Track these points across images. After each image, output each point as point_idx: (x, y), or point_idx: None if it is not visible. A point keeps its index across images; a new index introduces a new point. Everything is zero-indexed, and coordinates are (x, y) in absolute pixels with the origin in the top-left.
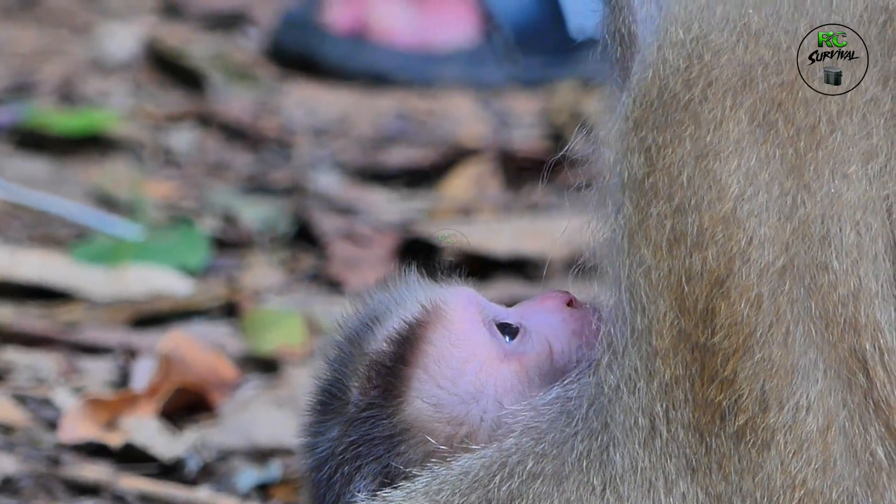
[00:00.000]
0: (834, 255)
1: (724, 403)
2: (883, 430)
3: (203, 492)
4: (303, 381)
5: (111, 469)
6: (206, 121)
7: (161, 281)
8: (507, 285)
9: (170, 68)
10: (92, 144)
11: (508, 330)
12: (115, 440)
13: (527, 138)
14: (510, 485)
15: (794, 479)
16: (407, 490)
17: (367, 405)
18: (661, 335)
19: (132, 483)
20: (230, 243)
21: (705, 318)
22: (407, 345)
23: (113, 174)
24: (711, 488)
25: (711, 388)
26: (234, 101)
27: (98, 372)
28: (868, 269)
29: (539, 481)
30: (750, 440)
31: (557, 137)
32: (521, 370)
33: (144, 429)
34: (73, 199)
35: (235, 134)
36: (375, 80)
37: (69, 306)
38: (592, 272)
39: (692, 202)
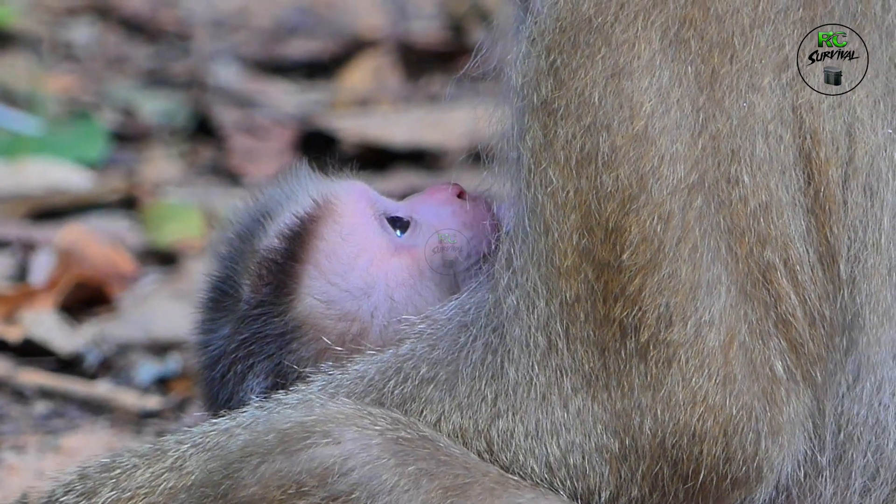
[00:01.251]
0: (745, 170)
1: (627, 320)
2: (784, 344)
3: (103, 386)
4: (201, 275)
5: (10, 364)
6: (105, 14)
7: (60, 175)
8: (406, 176)
9: None
10: None
11: (399, 223)
12: (13, 335)
13: (426, 29)
14: (403, 389)
15: (695, 394)
16: (302, 393)
17: (259, 303)
18: (565, 254)
19: (31, 377)
20: (129, 137)
21: (612, 236)
22: (298, 240)
23: (12, 68)
24: (609, 404)
25: (615, 305)
26: None
27: None
28: (778, 180)
29: (432, 386)
30: (652, 356)
31: (457, 28)
32: (412, 263)
33: (43, 323)
34: None
35: (134, 27)
36: None
37: None
38: (489, 164)
39: (604, 122)
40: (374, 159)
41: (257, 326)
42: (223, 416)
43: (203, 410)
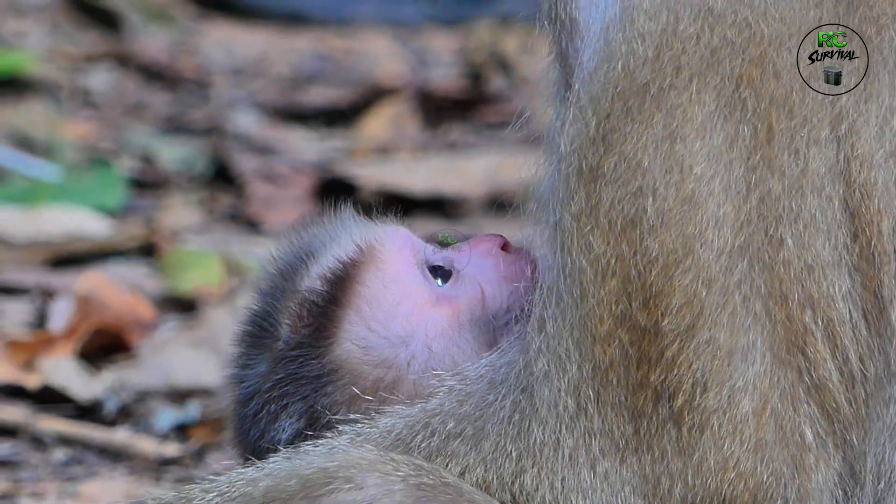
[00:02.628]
0: (790, 231)
1: (662, 386)
2: (815, 410)
3: (121, 433)
4: (220, 322)
5: (29, 411)
6: (123, 61)
7: (79, 222)
8: (425, 223)
9: (87, 8)
10: (9, 86)
11: (441, 273)
12: (32, 382)
13: (445, 77)
14: (430, 443)
15: (726, 459)
16: (329, 444)
17: (297, 344)
18: (602, 320)
19: (50, 424)
20: (148, 184)
21: (653, 301)
22: (340, 285)
23: (30, 115)
24: (639, 468)
25: (650, 370)
26: (152, 42)
27: (15, 313)
28: (825, 240)
29: (458, 440)
30: (686, 422)
31: (476, 77)
32: (452, 315)
33: (62, 370)
34: None
35: (153, 74)
36: (293, 19)
37: None
38: (518, 218)
39: (652, 186)
40: (394, 206)
41: (294, 367)
42: (250, 464)
43: (232, 446)
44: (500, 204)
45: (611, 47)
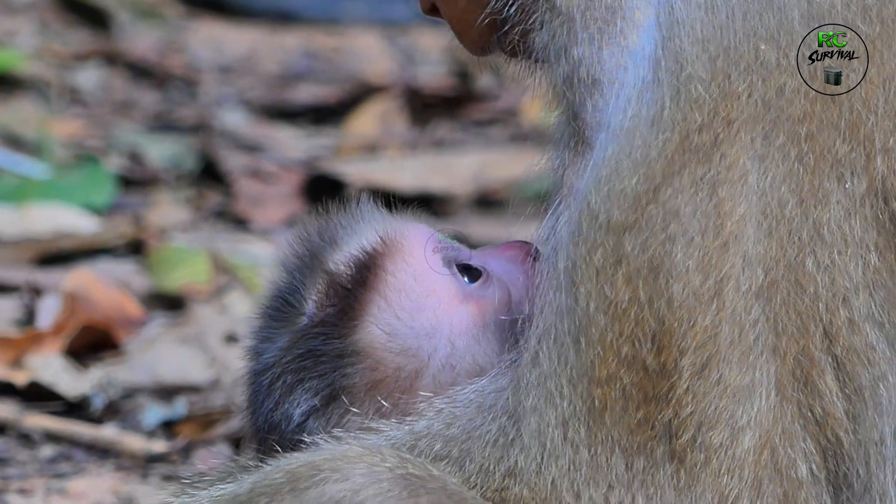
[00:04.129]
0: (820, 260)
1: (666, 424)
2: (812, 446)
3: (109, 430)
4: (208, 319)
5: (16, 408)
6: (112, 59)
7: (67, 219)
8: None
9: (76, 7)
10: None
11: (470, 272)
12: (20, 378)
13: (433, 75)
14: None
15: (725, 497)
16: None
17: (321, 321)
18: (606, 363)
19: (38, 421)
20: (136, 181)
21: (668, 342)
22: (369, 270)
23: (19, 113)
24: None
25: (655, 409)
26: (141, 40)
27: (3, 310)
28: (854, 267)
29: (444, 462)
30: (688, 459)
31: (463, 75)
32: (478, 313)
33: (50, 367)
34: None
35: (142, 72)
36: (281, 17)
37: None
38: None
39: (681, 232)
40: (381, 203)
41: (316, 344)
42: (259, 437)
43: (244, 417)
44: (487, 201)
45: (655, 111)
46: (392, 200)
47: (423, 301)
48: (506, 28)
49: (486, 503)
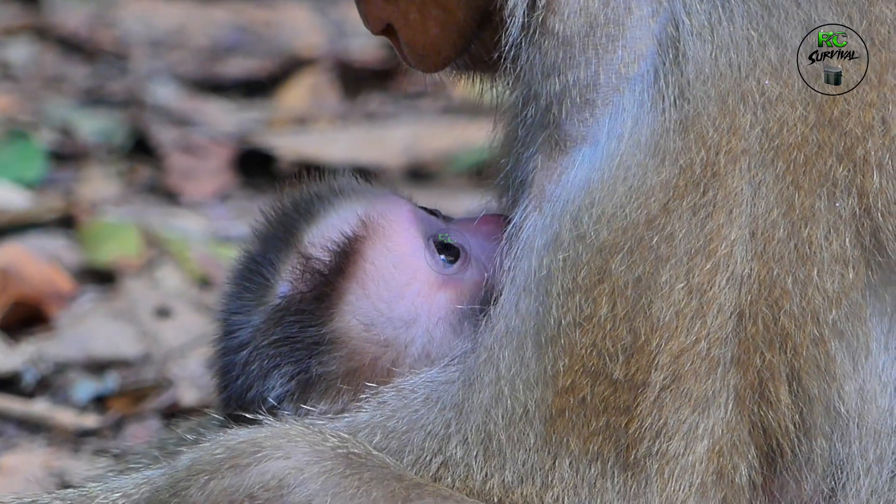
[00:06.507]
0: (789, 279)
1: (624, 432)
2: (755, 452)
3: (40, 404)
4: (139, 293)
5: None
6: (42, 34)
7: None
8: None
9: None
10: None
11: (450, 251)
12: None
13: (364, 48)
14: None
15: (673, 502)
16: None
17: (297, 308)
18: (570, 372)
19: None
20: (67, 156)
21: (642, 357)
22: (346, 257)
23: None
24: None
25: (615, 418)
26: (71, 14)
27: None
28: (831, 273)
29: (383, 452)
30: (642, 467)
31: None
32: (455, 299)
33: None
34: None
35: (72, 47)
36: None
37: None
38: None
39: (677, 254)
40: (312, 176)
41: (293, 331)
42: (229, 409)
43: (215, 388)
44: (419, 174)
45: (657, 142)
46: (332, 174)
47: (402, 290)
48: (470, 49)
49: (424, 480)
